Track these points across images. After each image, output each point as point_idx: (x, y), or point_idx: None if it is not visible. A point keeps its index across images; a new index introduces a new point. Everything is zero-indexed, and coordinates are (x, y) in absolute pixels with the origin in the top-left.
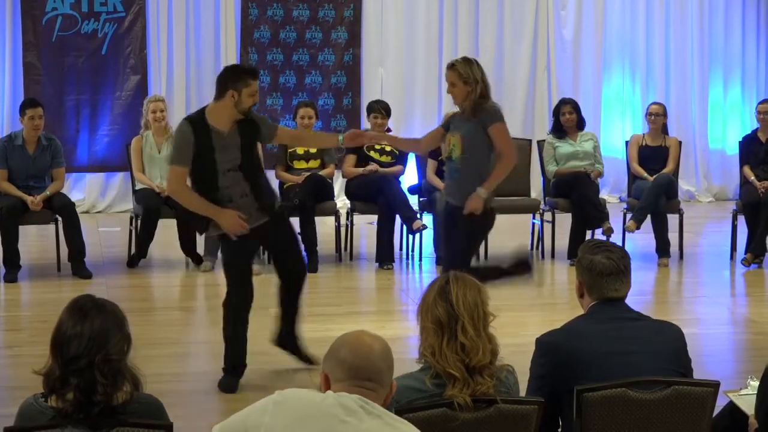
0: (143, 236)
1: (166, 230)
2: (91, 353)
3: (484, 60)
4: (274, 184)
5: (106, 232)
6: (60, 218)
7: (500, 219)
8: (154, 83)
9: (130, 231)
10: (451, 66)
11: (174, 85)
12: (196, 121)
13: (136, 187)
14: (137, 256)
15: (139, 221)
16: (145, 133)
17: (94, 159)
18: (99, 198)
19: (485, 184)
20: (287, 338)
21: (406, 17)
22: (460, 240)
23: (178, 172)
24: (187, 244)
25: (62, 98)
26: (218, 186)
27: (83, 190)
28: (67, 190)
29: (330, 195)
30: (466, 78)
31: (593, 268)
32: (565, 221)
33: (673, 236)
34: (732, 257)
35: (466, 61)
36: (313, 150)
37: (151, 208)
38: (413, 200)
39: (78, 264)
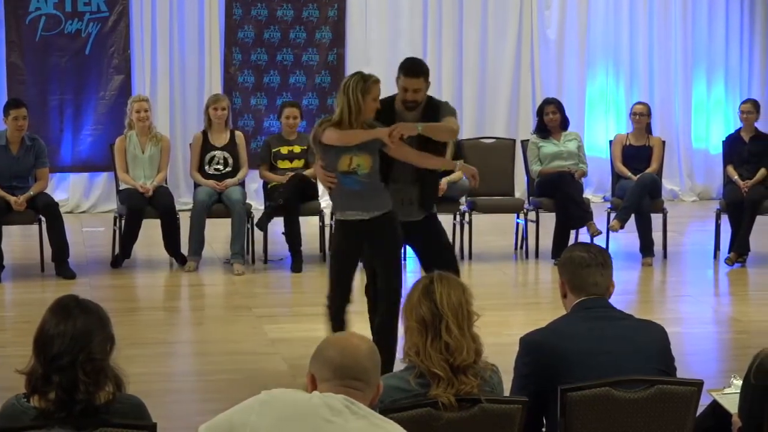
0: (127, 236)
1: (150, 230)
2: (73, 352)
3: (469, 59)
4: (258, 184)
5: (90, 232)
6: (43, 218)
7: (484, 219)
8: (138, 83)
9: (114, 231)
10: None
11: (158, 85)
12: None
13: (120, 187)
14: (121, 256)
15: (122, 221)
16: (128, 133)
17: (77, 159)
18: (83, 198)
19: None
20: None
21: (390, 17)
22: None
23: None
24: (171, 244)
25: (46, 98)
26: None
27: (67, 190)
28: (50, 190)
29: (314, 195)
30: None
31: (572, 260)
32: (549, 221)
33: (656, 235)
34: (715, 256)
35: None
36: (297, 149)
37: (134, 208)
38: None
39: (62, 264)
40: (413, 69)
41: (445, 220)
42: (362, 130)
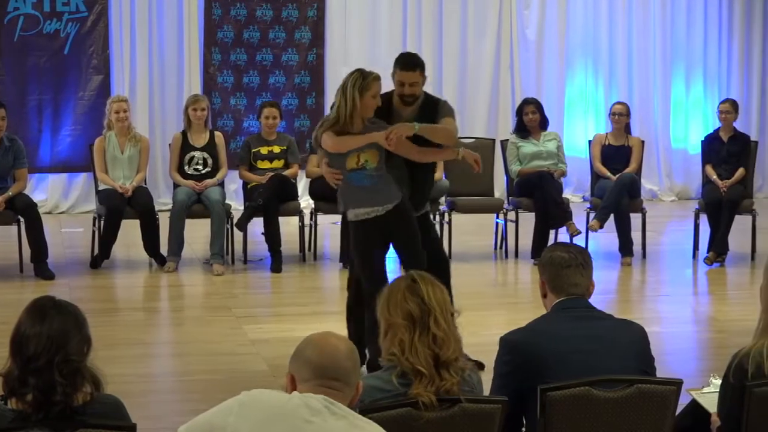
0: (106, 237)
1: (129, 231)
2: (50, 353)
3: (448, 60)
4: (238, 184)
5: (69, 232)
6: (22, 219)
7: (464, 219)
8: (117, 83)
9: (93, 232)
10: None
11: (137, 85)
12: None
13: (99, 188)
14: (100, 257)
15: (102, 222)
16: (108, 133)
17: (56, 159)
18: (62, 198)
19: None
20: None
21: (369, 17)
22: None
23: None
24: (151, 245)
25: (24, 98)
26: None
27: (46, 190)
28: (29, 190)
29: (294, 195)
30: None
31: (553, 261)
32: (528, 221)
33: (636, 235)
34: (694, 256)
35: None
36: (276, 149)
37: (114, 208)
38: None
39: (40, 265)
40: (409, 62)
41: None
42: (358, 136)
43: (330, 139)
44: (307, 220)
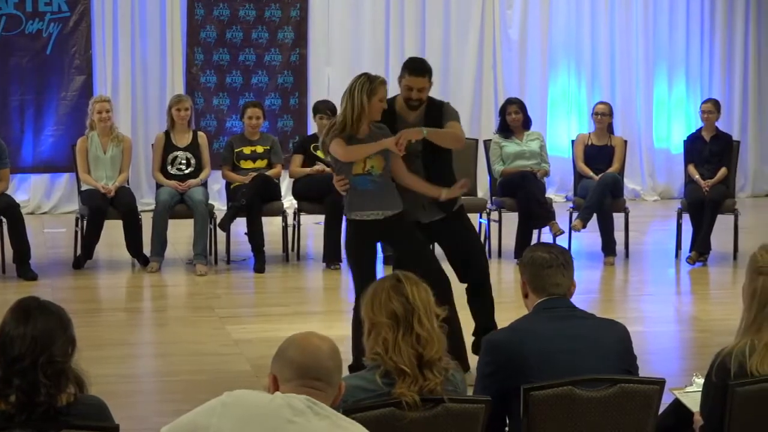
0: (89, 237)
1: (112, 231)
2: (34, 354)
3: (431, 59)
4: (221, 184)
5: (52, 233)
6: (4, 219)
7: None
8: (99, 83)
9: (76, 232)
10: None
11: (120, 85)
12: None
13: (82, 188)
14: (83, 257)
15: (84, 222)
16: (90, 133)
17: (39, 160)
18: (44, 199)
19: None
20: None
21: (352, 17)
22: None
23: None
24: (134, 245)
25: (6, 99)
26: None
27: (28, 191)
28: (11, 191)
29: (277, 195)
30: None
31: (534, 261)
32: (511, 220)
33: (618, 235)
34: (677, 255)
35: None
36: (259, 150)
37: (96, 209)
38: None
39: (23, 265)
40: (418, 68)
41: None
42: (369, 144)
43: (340, 148)
44: (290, 220)
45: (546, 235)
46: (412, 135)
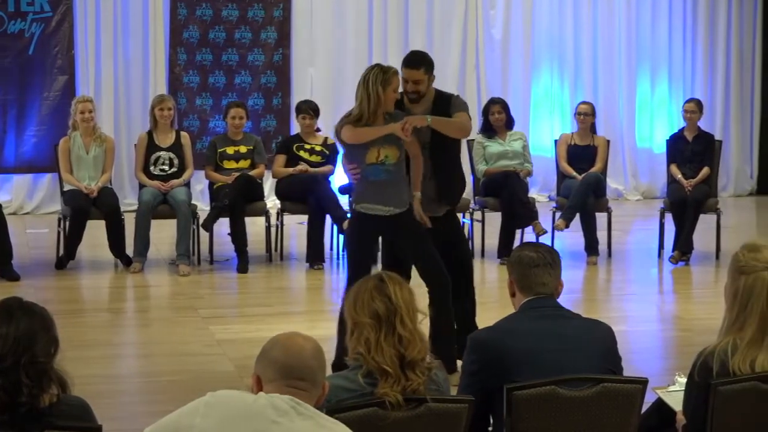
0: (71, 237)
1: (95, 231)
2: (16, 354)
3: None
4: (204, 184)
5: (34, 233)
6: None
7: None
8: (82, 83)
9: (59, 232)
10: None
11: (102, 86)
12: None
13: (64, 189)
14: (65, 258)
15: (67, 222)
16: (73, 133)
17: (21, 160)
18: (26, 199)
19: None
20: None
21: (335, 17)
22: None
23: None
24: (116, 245)
25: None
26: None
27: (10, 191)
28: None
29: (260, 195)
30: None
31: (521, 260)
32: (494, 220)
33: (601, 234)
34: (659, 255)
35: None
36: (243, 150)
37: (79, 209)
38: (343, 200)
39: (5, 266)
40: (412, 60)
41: None
42: (375, 127)
43: (349, 130)
44: (273, 221)
45: (529, 235)
46: (417, 122)
